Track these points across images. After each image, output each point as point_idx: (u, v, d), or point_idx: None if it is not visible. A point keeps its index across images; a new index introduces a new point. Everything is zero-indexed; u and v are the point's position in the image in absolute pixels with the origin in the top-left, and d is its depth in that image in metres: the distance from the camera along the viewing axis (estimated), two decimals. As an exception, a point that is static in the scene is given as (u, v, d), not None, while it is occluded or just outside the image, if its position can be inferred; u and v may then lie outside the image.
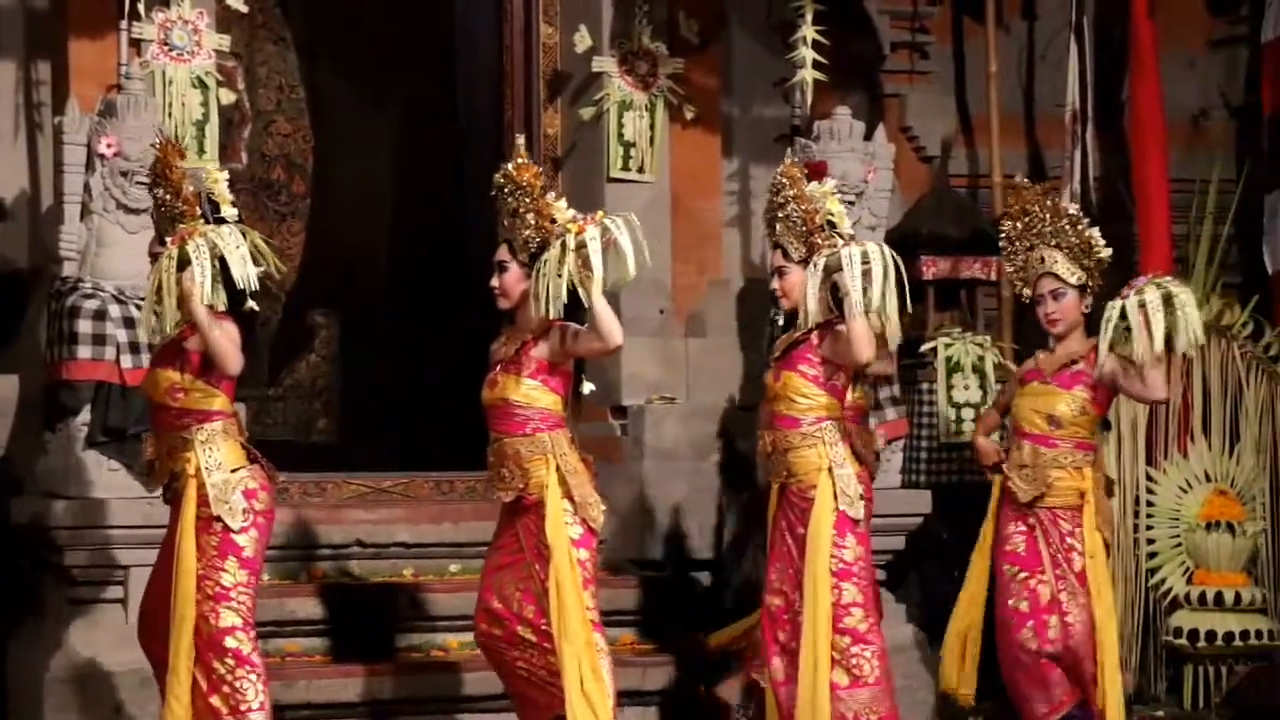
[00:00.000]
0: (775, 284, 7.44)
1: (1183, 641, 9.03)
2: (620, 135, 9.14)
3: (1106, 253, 7.59)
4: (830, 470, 7.16)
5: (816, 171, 8.77)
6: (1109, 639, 7.45)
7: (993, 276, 9.39)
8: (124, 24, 8.33)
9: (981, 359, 9.07)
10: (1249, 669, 8.92)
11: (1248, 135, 10.40)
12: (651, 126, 9.19)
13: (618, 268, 6.76)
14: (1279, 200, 10.09)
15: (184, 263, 6.43)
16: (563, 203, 6.98)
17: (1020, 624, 7.56)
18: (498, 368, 7.03)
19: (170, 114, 8.31)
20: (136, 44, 8.36)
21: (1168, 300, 7.33)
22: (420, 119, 11.12)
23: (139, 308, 7.86)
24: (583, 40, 9.08)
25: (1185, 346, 7.41)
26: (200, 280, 6.39)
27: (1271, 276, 10.07)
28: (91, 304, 7.82)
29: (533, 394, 6.90)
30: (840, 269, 7.05)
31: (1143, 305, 7.32)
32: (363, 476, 8.96)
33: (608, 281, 6.73)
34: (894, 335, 7.20)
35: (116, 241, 7.92)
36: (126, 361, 7.80)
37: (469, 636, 8.30)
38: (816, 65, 9.00)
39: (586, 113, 9.14)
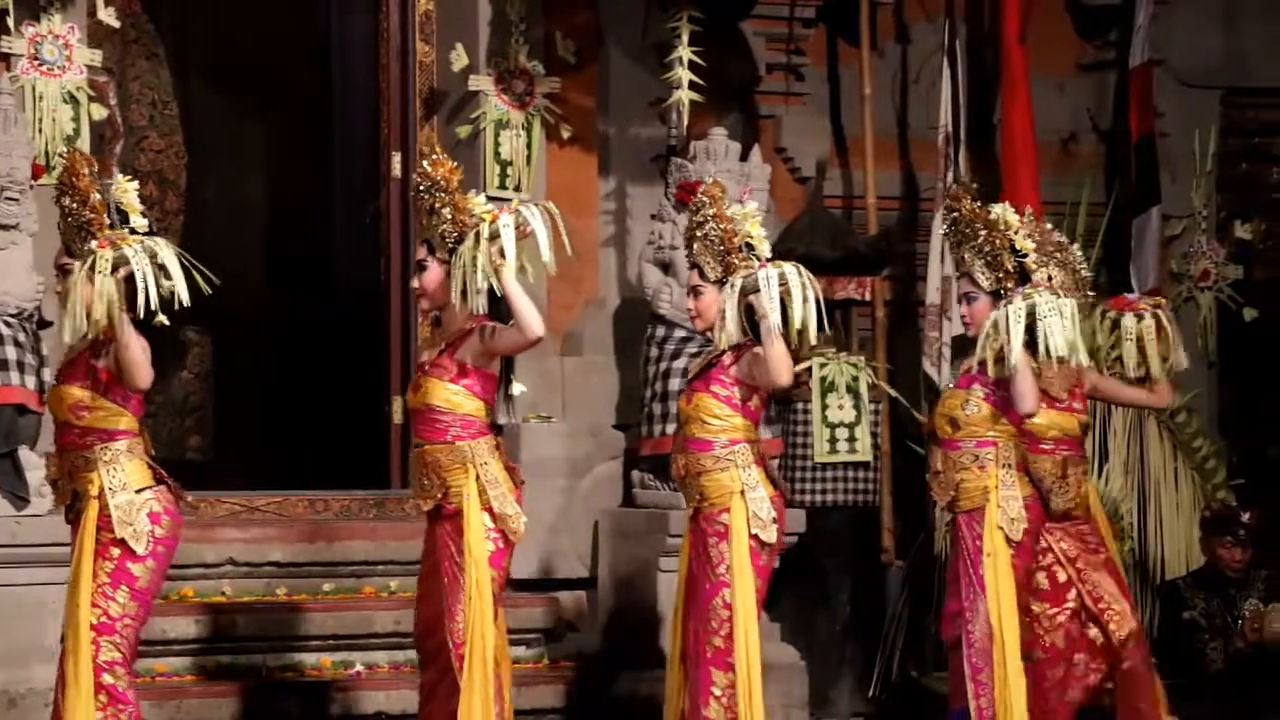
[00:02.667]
0: (690, 303, 7.29)
1: (1053, 659, 9.11)
2: (497, 154, 9.13)
3: (1029, 259, 7.58)
4: (743, 493, 7.07)
5: (691, 191, 8.81)
6: (1009, 641, 7.28)
7: (867, 296, 9.45)
8: (-7, 38, 8.27)
9: (856, 379, 9.12)
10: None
11: (1116, 159, 10.53)
12: (528, 145, 9.19)
13: (535, 256, 6.64)
14: (1146, 223, 10.23)
15: (115, 267, 6.20)
16: (481, 197, 6.84)
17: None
18: (422, 370, 6.87)
19: (41, 129, 8.24)
20: (6, 58, 8.28)
21: (1031, 312, 7.33)
22: (295, 136, 11.09)
23: (8, 325, 7.76)
24: (459, 58, 9.07)
25: (1044, 357, 7.29)
26: (141, 287, 6.16)
27: (1139, 299, 10.21)
28: (-45, 319, 7.72)
29: (455, 399, 6.72)
30: (757, 290, 6.97)
31: (1005, 318, 7.32)
32: (236, 495, 8.90)
33: (528, 272, 6.67)
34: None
35: (-15, 256, 7.83)
36: (-11, 376, 7.70)
37: (343, 655, 8.30)
38: (693, 86, 9.04)
39: (463, 131, 9.13)
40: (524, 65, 9.18)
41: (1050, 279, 7.58)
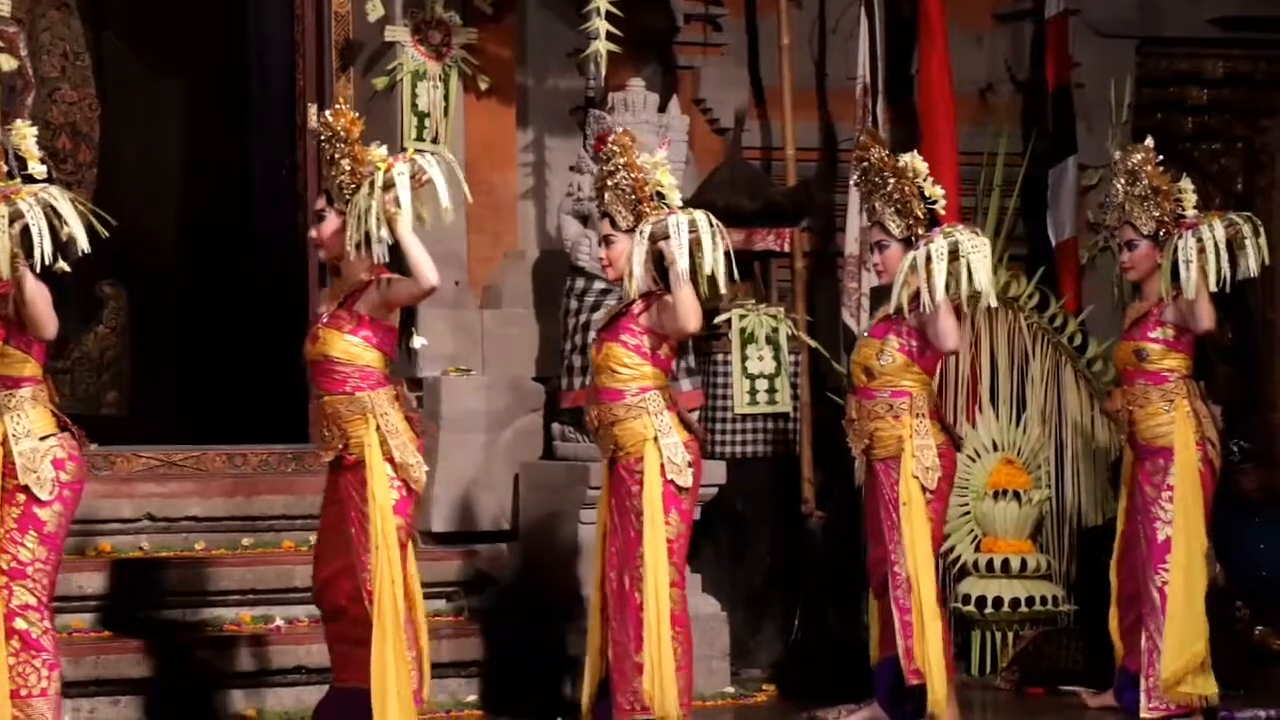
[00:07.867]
0: (602, 252, 7.32)
1: (971, 608, 9.17)
2: (414, 105, 9.08)
3: (939, 205, 7.63)
4: (656, 440, 7.12)
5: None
6: (925, 588, 7.44)
7: (786, 248, 9.46)
8: (-99, -13, 8.16)
9: (775, 330, 9.14)
10: (1034, 634, 9.08)
11: (1033, 109, 10.57)
12: (445, 97, 9.14)
13: (433, 204, 6.63)
14: (1062, 174, 10.29)
15: (10, 221, 6.13)
16: (383, 150, 6.81)
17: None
18: (320, 322, 6.89)
19: (-51, 80, 8.16)
20: (-86, 9, 8.18)
21: (954, 250, 7.39)
22: (210, 87, 11.00)
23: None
24: (375, 9, 9.00)
25: (966, 293, 7.45)
26: (37, 240, 6.09)
27: (1055, 248, 10.26)
28: None
29: (353, 350, 6.77)
30: (667, 237, 7.01)
31: (928, 256, 7.37)
32: (153, 450, 8.85)
33: (425, 221, 6.66)
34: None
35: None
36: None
37: (262, 610, 8.27)
38: (610, 37, 8.98)
39: (380, 83, 9.08)
40: (441, 16, 9.12)
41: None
